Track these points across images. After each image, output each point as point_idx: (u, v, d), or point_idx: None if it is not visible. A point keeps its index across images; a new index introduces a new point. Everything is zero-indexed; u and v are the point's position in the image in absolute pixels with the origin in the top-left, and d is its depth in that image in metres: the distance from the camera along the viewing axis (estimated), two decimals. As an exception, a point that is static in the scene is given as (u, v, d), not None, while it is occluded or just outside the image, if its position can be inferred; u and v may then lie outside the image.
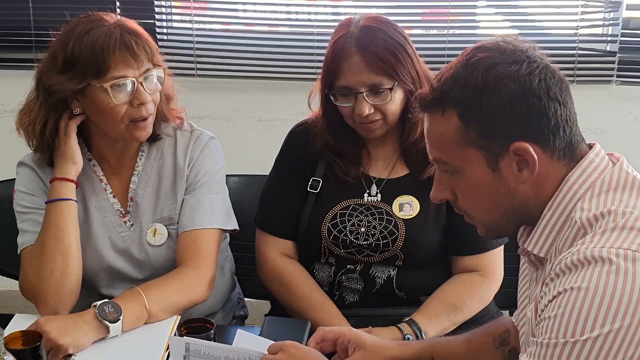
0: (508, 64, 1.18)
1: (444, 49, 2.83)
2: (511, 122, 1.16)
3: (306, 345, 1.53)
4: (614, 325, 1.05)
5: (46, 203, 1.73)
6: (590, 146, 1.23)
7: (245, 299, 2.18)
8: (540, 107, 1.16)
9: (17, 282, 1.81)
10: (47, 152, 1.76)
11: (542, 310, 1.13)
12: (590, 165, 1.19)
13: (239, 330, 1.51)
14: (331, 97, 1.78)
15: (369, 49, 1.72)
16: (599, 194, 1.17)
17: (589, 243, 1.11)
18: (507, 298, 1.91)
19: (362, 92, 1.73)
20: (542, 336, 1.10)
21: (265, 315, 1.97)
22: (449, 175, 1.24)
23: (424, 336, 1.74)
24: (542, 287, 1.17)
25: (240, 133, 2.97)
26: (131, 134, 1.72)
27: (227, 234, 1.98)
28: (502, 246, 1.88)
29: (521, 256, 1.34)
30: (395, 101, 1.75)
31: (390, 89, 1.73)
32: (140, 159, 1.84)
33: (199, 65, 2.98)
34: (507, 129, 1.17)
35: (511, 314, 1.84)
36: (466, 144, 1.19)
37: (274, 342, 1.44)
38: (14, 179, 1.86)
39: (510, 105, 1.16)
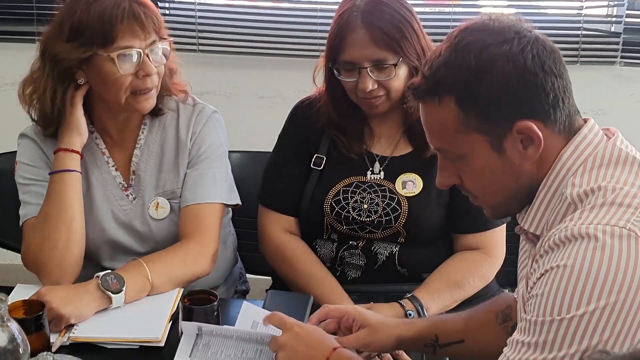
0: (499, 44, 1.16)
1: (447, 27, 2.81)
2: (511, 103, 1.15)
3: (307, 321, 1.54)
4: (599, 302, 1.04)
5: (50, 174, 1.72)
6: (585, 120, 1.22)
7: (247, 274, 2.18)
8: (537, 83, 1.15)
9: (18, 255, 1.81)
10: (51, 123, 1.75)
11: (531, 287, 1.14)
12: (584, 141, 1.18)
13: (244, 302, 1.52)
14: (335, 72, 1.77)
15: (375, 24, 1.71)
16: (590, 170, 1.16)
17: (577, 220, 1.10)
18: (508, 276, 1.91)
19: (366, 68, 1.72)
20: (530, 313, 1.11)
21: (267, 290, 1.97)
22: (453, 161, 1.23)
23: (425, 312, 1.74)
24: (532, 264, 1.18)
25: (242, 110, 2.96)
26: (135, 105, 1.71)
27: (230, 209, 1.98)
28: (504, 224, 1.88)
29: (521, 240, 1.34)
30: (399, 77, 1.74)
31: (395, 65, 1.72)
32: (142, 133, 1.83)
33: (200, 41, 2.96)
34: (507, 110, 1.15)
35: (512, 291, 1.85)
36: (468, 130, 1.18)
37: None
38: (15, 151, 1.85)
39: (508, 86, 1.15)
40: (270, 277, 2.08)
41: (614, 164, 1.16)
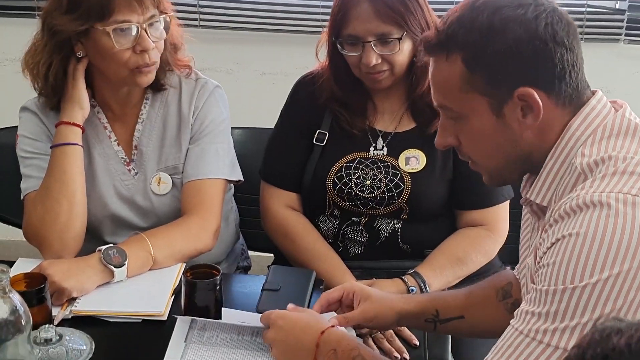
0: (514, 7, 1.15)
1: (452, 2, 2.79)
2: (516, 67, 1.14)
3: (309, 296, 1.54)
4: (613, 270, 1.03)
5: (51, 147, 1.72)
6: (593, 92, 1.21)
7: (249, 251, 2.18)
8: (546, 52, 1.14)
9: (19, 231, 1.81)
10: (52, 96, 1.74)
11: (541, 257, 1.12)
12: (592, 112, 1.17)
13: (223, 309, 1.49)
14: (338, 46, 1.76)
15: None
16: (600, 140, 1.15)
17: (588, 188, 1.09)
18: (511, 254, 1.90)
19: (370, 42, 1.70)
20: (541, 283, 1.09)
21: (269, 266, 1.97)
22: (454, 121, 1.23)
23: (428, 289, 1.74)
24: (541, 234, 1.17)
25: (243, 87, 2.94)
26: (134, 79, 1.70)
27: (232, 185, 1.97)
28: (508, 201, 1.87)
29: (523, 207, 1.33)
30: (403, 52, 1.73)
31: (399, 39, 1.71)
32: (144, 107, 1.82)
33: (202, 17, 2.93)
34: (512, 74, 1.15)
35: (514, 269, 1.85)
36: (470, 90, 1.17)
37: (259, 313, 1.43)
38: (16, 126, 1.84)
39: (516, 50, 1.14)
40: (272, 254, 2.08)
41: (623, 135, 1.16)
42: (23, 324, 1.08)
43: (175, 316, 1.47)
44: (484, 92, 1.16)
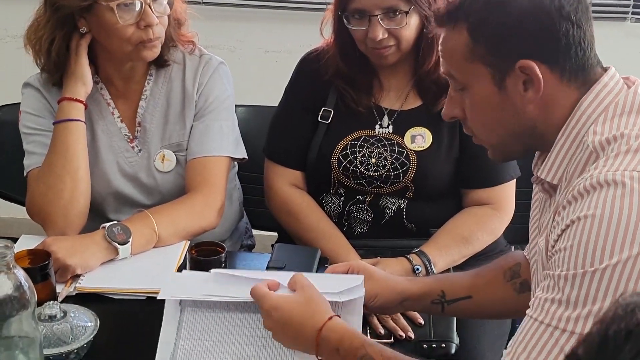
0: None
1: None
2: (520, 39, 1.13)
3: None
4: (632, 250, 1.01)
5: (54, 123, 1.70)
6: (605, 69, 1.19)
7: (252, 230, 2.17)
8: (550, 26, 1.12)
9: (22, 209, 1.80)
10: (55, 72, 1.72)
11: (555, 241, 1.10)
12: (605, 89, 1.15)
13: (213, 270, 1.35)
14: (344, 21, 1.73)
15: None
16: (612, 118, 1.13)
17: (602, 167, 1.07)
18: (517, 233, 1.90)
19: (377, 15, 1.68)
20: (558, 268, 1.06)
21: (273, 244, 1.96)
22: (460, 92, 1.22)
23: (433, 268, 1.73)
24: (554, 216, 1.14)
25: (246, 64, 2.92)
26: (138, 54, 1.68)
27: (236, 163, 1.96)
28: (514, 180, 1.86)
29: (534, 185, 1.31)
30: (410, 26, 1.70)
31: (406, 13, 1.68)
32: (148, 84, 1.81)
33: (205, -7, 2.91)
34: (515, 46, 1.13)
35: (519, 249, 1.83)
36: (474, 60, 1.16)
37: (250, 278, 1.29)
38: (18, 103, 1.83)
39: (520, 22, 1.13)
40: (276, 233, 2.07)
41: (635, 112, 1.14)
42: (27, 300, 1.07)
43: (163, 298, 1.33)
44: (487, 63, 1.16)
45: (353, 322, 1.27)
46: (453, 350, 1.58)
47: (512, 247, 1.98)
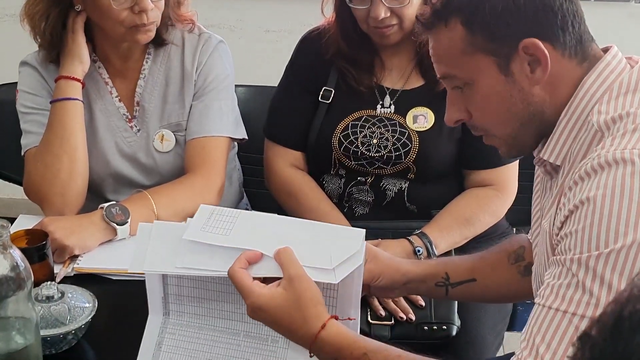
0: None
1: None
2: (517, 20, 1.11)
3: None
4: None
5: (51, 102, 1.68)
6: (607, 49, 1.17)
7: (252, 211, 2.15)
8: (545, 1, 1.11)
9: (20, 189, 1.78)
10: (51, 49, 1.70)
11: (562, 223, 1.07)
12: (608, 68, 1.13)
13: (201, 206, 1.25)
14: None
15: None
16: (617, 97, 1.11)
17: (609, 146, 1.04)
18: (519, 215, 1.88)
19: None
20: (568, 253, 1.03)
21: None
22: (461, 91, 1.19)
23: (434, 249, 1.71)
24: (558, 198, 1.12)
25: (246, 44, 2.89)
26: (132, 37, 1.66)
27: (236, 144, 1.94)
28: (517, 161, 1.84)
29: (536, 167, 1.30)
30: (413, 4, 1.68)
31: None
32: (146, 63, 1.78)
33: (205, -27, 2.87)
34: (513, 28, 1.11)
35: (521, 231, 1.82)
36: (474, 51, 1.14)
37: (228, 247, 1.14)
38: (16, 82, 1.80)
39: (514, 2, 1.11)
40: (276, 214, 2.05)
41: None
42: (23, 280, 1.06)
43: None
44: (489, 51, 1.13)
45: (351, 293, 1.16)
46: (454, 333, 1.58)
47: (514, 229, 1.96)
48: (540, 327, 1.01)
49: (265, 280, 1.13)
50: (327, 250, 1.14)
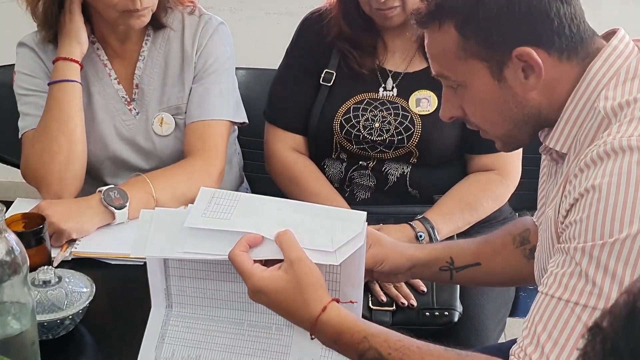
0: None
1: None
2: (511, 27, 1.09)
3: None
4: None
5: (49, 84, 1.66)
6: (613, 32, 1.14)
7: (253, 195, 2.14)
8: (540, 8, 1.08)
9: (18, 171, 1.76)
10: (48, 29, 1.68)
11: (567, 211, 1.05)
12: (614, 52, 1.11)
13: (202, 188, 1.23)
14: None
15: None
16: (624, 82, 1.09)
17: (615, 133, 1.02)
18: (522, 200, 1.87)
19: None
20: (572, 241, 1.01)
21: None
22: (454, 91, 1.17)
23: (436, 234, 1.70)
24: (564, 185, 1.10)
25: (247, 26, 2.86)
26: (125, 21, 1.64)
27: (236, 127, 1.92)
28: (521, 146, 1.81)
29: (542, 155, 1.28)
30: None
31: None
32: (145, 44, 1.76)
33: (205, -46, 2.84)
34: (507, 35, 1.09)
35: (524, 216, 1.80)
36: (467, 56, 1.12)
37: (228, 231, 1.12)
38: (13, 64, 1.78)
39: (508, 9, 1.08)
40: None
41: None
42: (19, 265, 1.04)
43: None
44: (482, 57, 1.11)
45: (353, 276, 1.15)
46: (456, 318, 1.57)
47: (517, 214, 1.95)
48: (542, 315, 1.00)
49: (267, 263, 1.12)
50: (328, 233, 1.13)
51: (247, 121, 1.83)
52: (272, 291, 1.08)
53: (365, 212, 1.18)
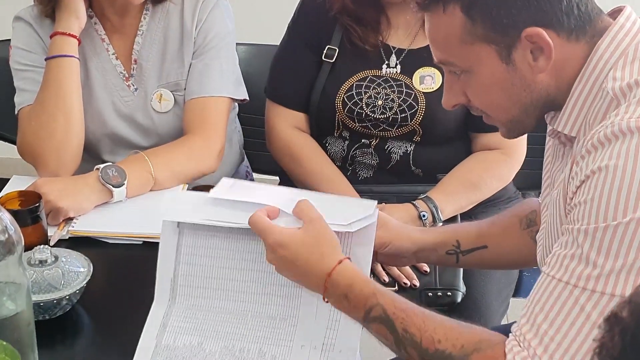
0: None
1: None
2: (520, 8, 1.05)
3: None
4: None
5: (46, 59, 1.63)
6: (620, 10, 1.11)
7: (253, 174, 2.11)
8: None
9: (15, 147, 1.73)
10: (46, 3, 1.65)
11: (574, 193, 1.03)
12: (621, 31, 1.07)
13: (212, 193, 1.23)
14: None
15: None
16: (632, 61, 1.05)
17: (623, 114, 1.00)
18: (527, 179, 1.85)
19: None
20: (576, 223, 0.99)
21: (274, 189, 1.90)
22: (458, 77, 1.13)
23: (440, 214, 1.68)
24: (572, 167, 1.07)
25: (247, 0, 2.81)
26: None
27: (236, 104, 1.89)
28: (527, 124, 1.79)
29: (548, 137, 1.25)
30: None
31: None
32: (144, 19, 1.73)
33: None
34: (516, 16, 1.05)
35: (528, 197, 1.78)
36: (474, 40, 1.07)
37: (251, 202, 1.17)
38: (9, 39, 1.75)
39: None
40: (277, 177, 2.01)
41: None
42: (13, 244, 1.01)
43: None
44: (489, 40, 1.07)
45: (364, 253, 1.17)
46: (459, 299, 1.56)
47: (521, 194, 1.92)
48: (541, 296, 1.00)
49: None
50: (342, 214, 1.17)
51: (247, 98, 1.80)
52: (292, 243, 1.11)
53: (376, 201, 1.20)
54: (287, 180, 1.87)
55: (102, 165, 1.54)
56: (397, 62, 1.75)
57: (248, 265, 1.18)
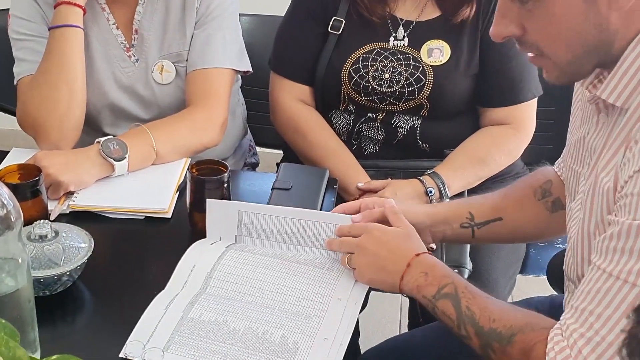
0: None
1: None
2: None
3: (321, 197, 1.44)
4: None
5: (50, 29, 1.58)
6: None
7: (257, 147, 2.08)
8: None
9: (14, 119, 1.70)
10: None
11: (625, 182, 0.97)
12: None
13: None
14: None
15: None
16: None
17: None
18: (535, 155, 1.81)
19: None
20: (626, 215, 0.95)
21: (278, 163, 1.87)
22: (519, 4, 1.02)
23: (447, 190, 1.65)
24: (624, 149, 0.99)
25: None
26: None
27: (239, 76, 1.85)
28: (536, 98, 1.75)
29: (575, 94, 1.19)
30: None
31: None
32: (145, -12, 1.68)
33: None
34: None
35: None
36: None
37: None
38: (8, 8, 1.70)
39: None
40: (281, 151, 1.98)
41: None
42: (13, 220, 0.98)
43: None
44: None
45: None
46: (466, 276, 1.54)
47: (529, 170, 1.89)
48: (591, 289, 0.98)
49: None
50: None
51: (251, 70, 1.76)
52: (390, 231, 1.25)
53: (350, 216, 1.31)
54: (292, 154, 1.84)
55: (103, 139, 1.50)
56: (405, 34, 1.71)
57: (282, 274, 1.25)
